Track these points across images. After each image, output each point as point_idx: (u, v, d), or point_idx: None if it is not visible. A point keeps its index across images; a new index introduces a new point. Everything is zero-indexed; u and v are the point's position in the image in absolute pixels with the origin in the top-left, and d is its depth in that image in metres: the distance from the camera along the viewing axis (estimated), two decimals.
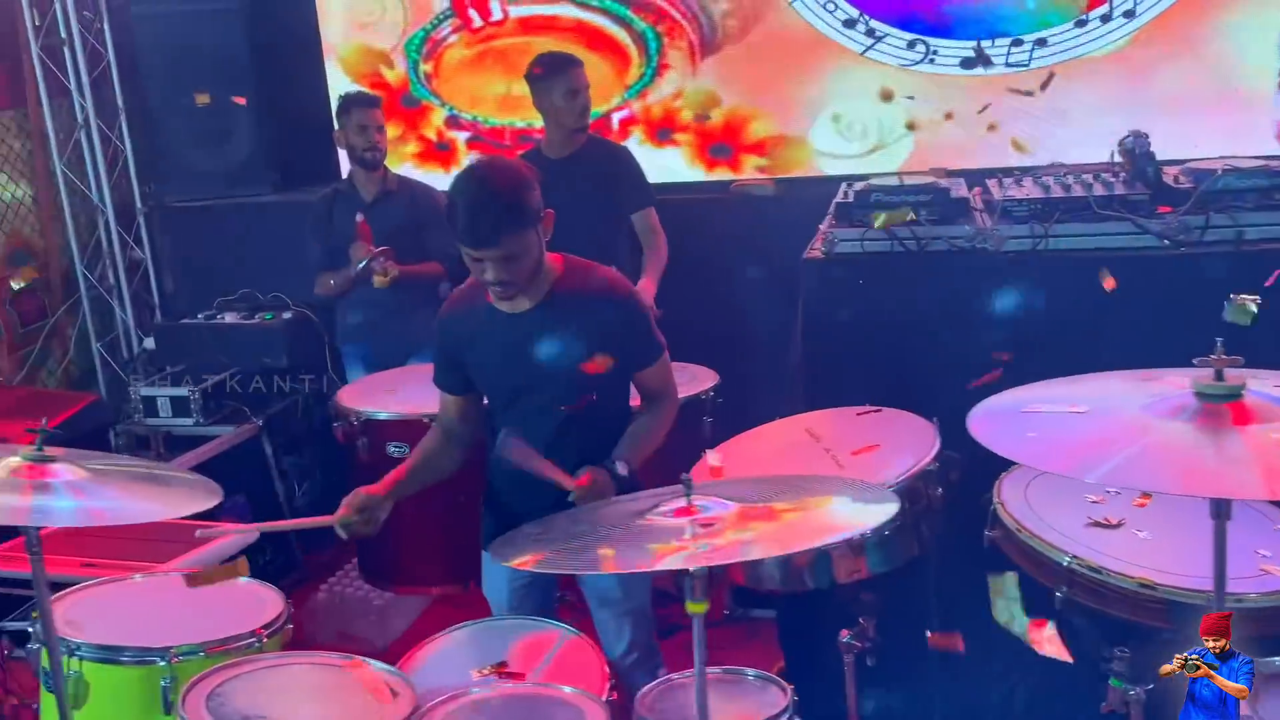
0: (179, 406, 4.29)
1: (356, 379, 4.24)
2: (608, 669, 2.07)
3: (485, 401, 2.56)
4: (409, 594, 3.70)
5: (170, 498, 1.86)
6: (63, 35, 4.60)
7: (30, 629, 2.04)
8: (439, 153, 4.58)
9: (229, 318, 4.61)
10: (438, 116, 4.54)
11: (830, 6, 4.03)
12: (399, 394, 3.45)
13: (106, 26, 4.66)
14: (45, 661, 1.99)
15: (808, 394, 2.94)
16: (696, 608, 1.59)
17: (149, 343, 4.77)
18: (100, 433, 3.44)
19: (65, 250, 4.88)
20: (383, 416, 3.29)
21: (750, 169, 4.29)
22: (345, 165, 4.54)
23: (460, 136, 4.55)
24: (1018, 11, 3.91)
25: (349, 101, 4.02)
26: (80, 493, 1.75)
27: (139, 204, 4.88)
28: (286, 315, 4.59)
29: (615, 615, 2.52)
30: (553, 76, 3.62)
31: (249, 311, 4.64)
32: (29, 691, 3.46)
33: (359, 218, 3.93)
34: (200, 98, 4.67)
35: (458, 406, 2.53)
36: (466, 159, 4.56)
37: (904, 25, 3.99)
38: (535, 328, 2.37)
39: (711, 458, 2.29)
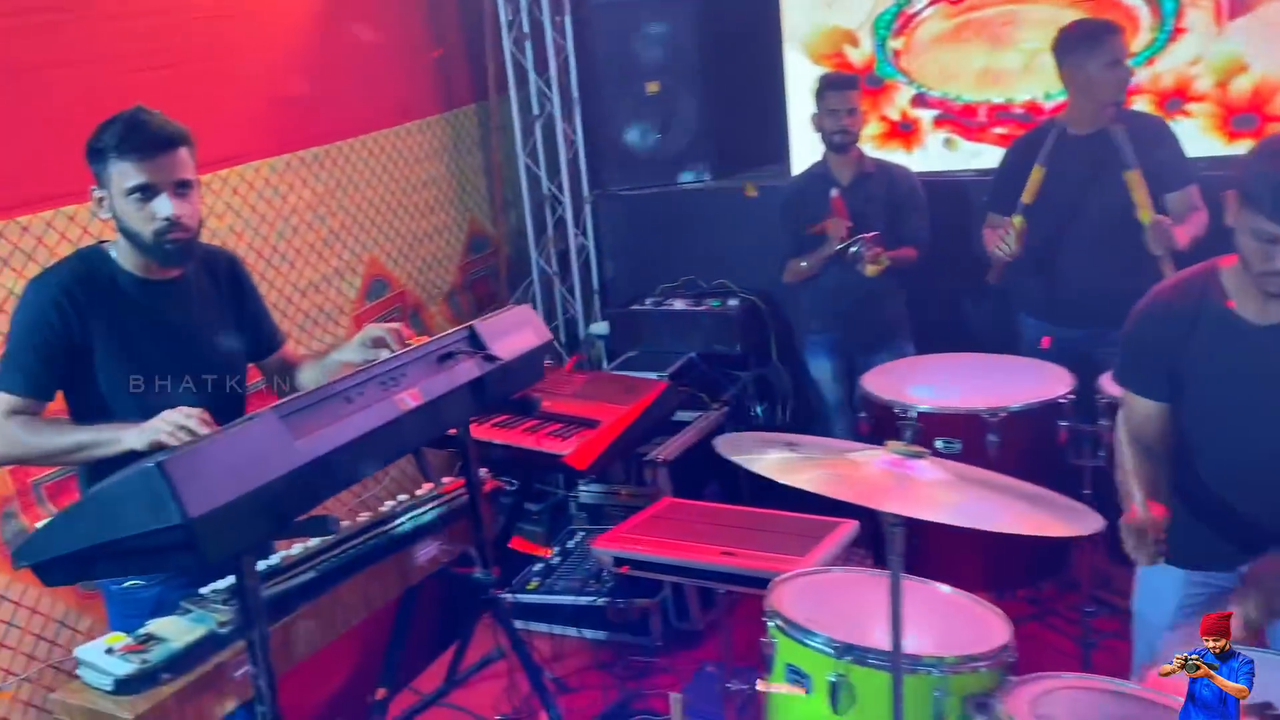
0: None
1: (820, 367, 4.15)
2: None
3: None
4: None
5: (1040, 513, 1.69)
6: (525, 29, 4.77)
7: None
8: (902, 133, 4.38)
9: (677, 304, 4.63)
10: (903, 96, 4.34)
11: None
12: (933, 386, 3.29)
13: (568, 19, 4.78)
14: (793, 657, 1.90)
15: None
16: None
17: (599, 327, 4.87)
18: (668, 418, 3.47)
19: (512, 237, 5.08)
20: (929, 410, 3.12)
21: None
22: (798, 150, 4.47)
23: (925, 115, 4.33)
24: None
25: (823, 83, 3.90)
26: (947, 491, 1.65)
27: (585, 191, 5.00)
28: (733, 302, 4.56)
29: None
30: (1091, 45, 3.28)
31: (694, 298, 4.65)
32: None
33: (834, 193, 3.81)
34: (650, 86, 4.73)
35: (1153, 413, 2.17)
36: (930, 137, 4.35)
37: None
38: None
39: None
